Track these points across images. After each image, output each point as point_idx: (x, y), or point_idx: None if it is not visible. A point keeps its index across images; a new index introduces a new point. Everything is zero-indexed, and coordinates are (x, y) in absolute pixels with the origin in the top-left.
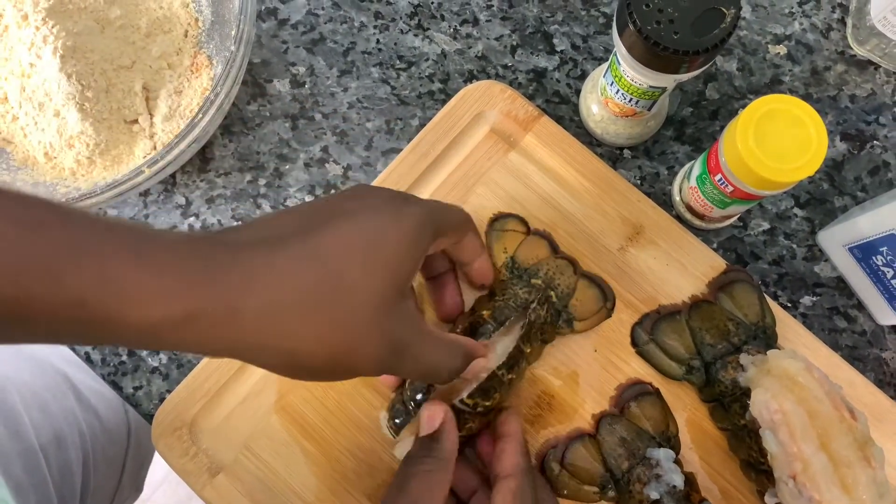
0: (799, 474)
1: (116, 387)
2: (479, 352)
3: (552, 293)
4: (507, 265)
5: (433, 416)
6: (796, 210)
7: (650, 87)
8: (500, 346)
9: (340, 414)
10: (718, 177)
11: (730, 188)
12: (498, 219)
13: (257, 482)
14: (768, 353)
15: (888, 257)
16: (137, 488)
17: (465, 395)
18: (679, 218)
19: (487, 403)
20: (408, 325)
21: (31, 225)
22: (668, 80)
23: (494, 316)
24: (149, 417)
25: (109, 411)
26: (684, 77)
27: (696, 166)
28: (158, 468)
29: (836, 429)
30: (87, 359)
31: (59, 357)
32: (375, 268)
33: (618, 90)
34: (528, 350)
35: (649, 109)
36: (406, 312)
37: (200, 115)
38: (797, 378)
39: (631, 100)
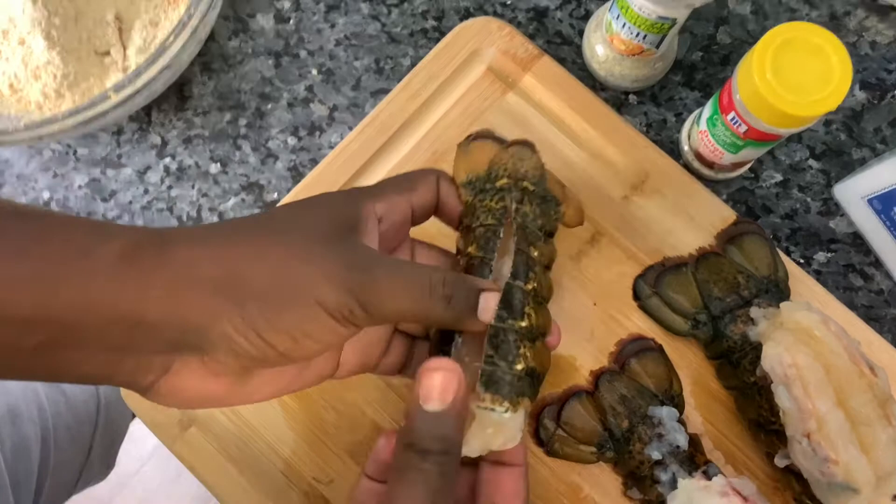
0: (813, 433)
1: None
2: (486, 285)
3: (524, 182)
4: (464, 185)
5: (447, 384)
6: (811, 162)
7: (659, 17)
8: (504, 268)
9: None
10: (731, 115)
11: (743, 127)
12: (465, 140)
13: (230, 436)
14: (781, 305)
15: None
16: (108, 465)
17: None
18: (687, 167)
19: (524, 324)
20: (365, 249)
21: None
22: (679, 8)
23: (482, 247)
24: None
25: (77, 387)
26: (697, 2)
27: (707, 108)
28: (147, 442)
29: (854, 385)
30: None
31: None
32: (307, 211)
33: (624, 24)
34: (536, 253)
35: (657, 47)
36: (358, 242)
37: (172, 38)
38: (813, 331)
39: (638, 34)
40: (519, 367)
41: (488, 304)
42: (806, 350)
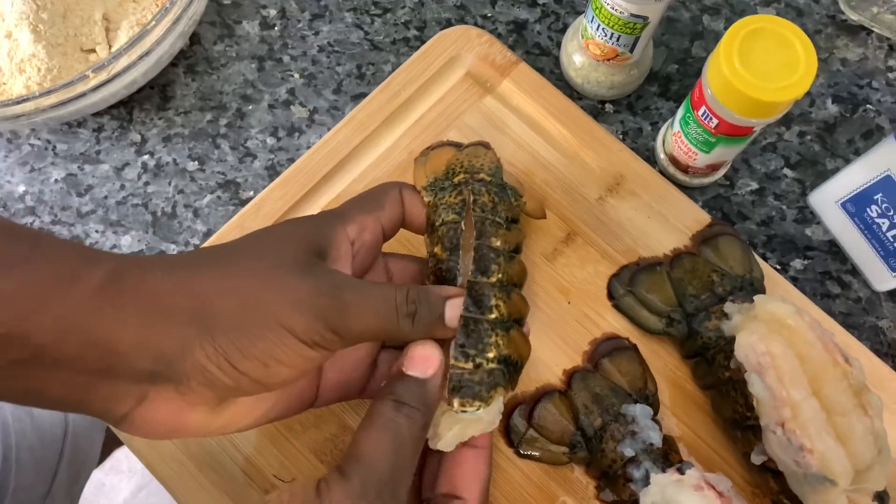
0: (788, 421)
1: None
2: (451, 292)
3: (481, 174)
4: (425, 188)
5: (429, 356)
6: (786, 171)
7: (631, 15)
8: (470, 263)
9: None
10: (702, 110)
11: (714, 121)
12: (421, 153)
13: None
14: (755, 297)
15: (883, 206)
16: (72, 501)
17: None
18: (663, 174)
19: (493, 316)
20: (332, 273)
21: None
22: (649, 3)
23: (446, 247)
24: None
25: (44, 410)
26: None
27: (680, 109)
28: (118, 496)
29: (828, 374)
30: None
31: None
32: (276, 238)
33: (598, 25)
34: (498, 243)
35: (631, 51)
36: (326, 268)
37: (154, 23)
38: (786, 320)
39: (612, 35)
40: (490, 354)
41: (455, 312)
42: (779, 339)
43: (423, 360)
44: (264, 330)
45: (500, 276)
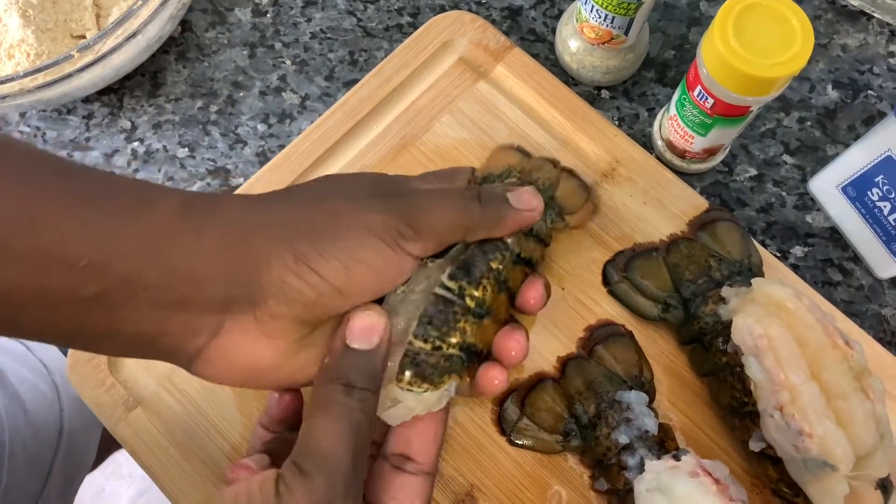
0: (786, 405)
1: None
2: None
3: (534, 184)
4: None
5: (373, 325)
6: (786, 157)
7: None
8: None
9: None
10: (698, 91)
11: (710, 101)
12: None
13: (178, 419)
14: (753, 280)
15: (884, 188)
16: (66, 502)
17: (445, 274)
18: (660, 160)
19: (476, 293)
20: (401, 179)
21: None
22: None
23: None
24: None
25: (40, 406)
26: None
27: (676, 92)
28: (119, 499)
29: (828, 357)
30: None
31: None
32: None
33: (593, 7)
34: (510, 239)
35: (626, 34)
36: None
37: (141, 3)
38: (785, 303)
39: (606, 17)
40: (453, 339)
41: (521, 196)
42: (777, 321)
43: (366, 330)
44: (344, 231)
45: (499, 266)
